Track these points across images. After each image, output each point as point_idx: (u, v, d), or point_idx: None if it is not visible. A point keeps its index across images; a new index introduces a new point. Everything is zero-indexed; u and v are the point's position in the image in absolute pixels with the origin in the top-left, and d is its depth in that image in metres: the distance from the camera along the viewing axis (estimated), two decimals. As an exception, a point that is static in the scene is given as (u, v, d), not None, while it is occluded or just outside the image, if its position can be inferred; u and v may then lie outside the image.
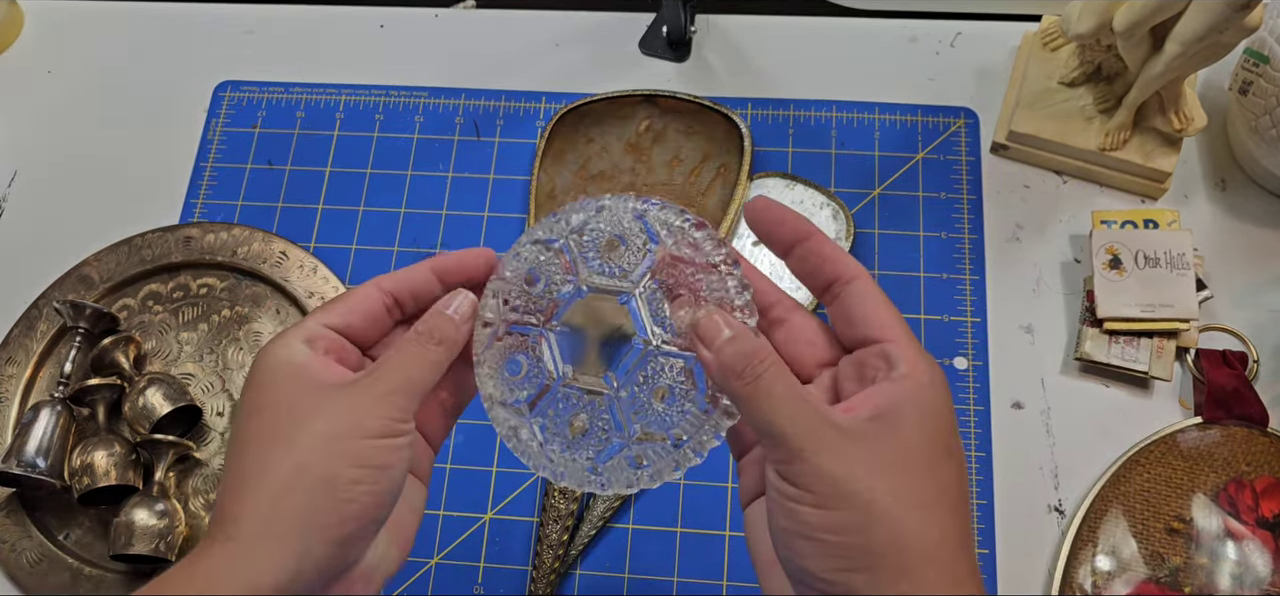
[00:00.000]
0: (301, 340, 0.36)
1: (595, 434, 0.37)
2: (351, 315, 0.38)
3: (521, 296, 0.39)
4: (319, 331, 0.37)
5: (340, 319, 0.38)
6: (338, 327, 0.38)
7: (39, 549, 0.59)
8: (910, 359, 0.34)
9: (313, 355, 0.36)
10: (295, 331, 0.37)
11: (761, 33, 0.74)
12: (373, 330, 0.39)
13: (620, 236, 0.38)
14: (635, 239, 0.37)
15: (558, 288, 0.38)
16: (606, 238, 0.38)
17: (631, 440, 0.37)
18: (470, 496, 0.60)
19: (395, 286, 0.39)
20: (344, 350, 0.38)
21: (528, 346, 0.38)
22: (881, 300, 0.36)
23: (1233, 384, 0.57)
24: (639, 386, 0.37)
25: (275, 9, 0.78)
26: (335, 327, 0.37)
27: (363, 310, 0.38)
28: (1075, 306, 0.62)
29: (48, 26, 0.79)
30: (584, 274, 0.38)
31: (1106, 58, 0.64)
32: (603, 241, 0.38)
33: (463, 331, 0.39)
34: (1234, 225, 0.64)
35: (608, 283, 0.38)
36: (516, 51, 0.74)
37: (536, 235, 0.40)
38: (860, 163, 0.68)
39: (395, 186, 0.69)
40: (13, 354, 0.65)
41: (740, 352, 0.34)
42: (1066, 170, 0.66)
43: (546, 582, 0.56)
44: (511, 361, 0.39)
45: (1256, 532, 0.54)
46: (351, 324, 0.38)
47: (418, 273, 0.39)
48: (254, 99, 0.74)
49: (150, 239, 0.67)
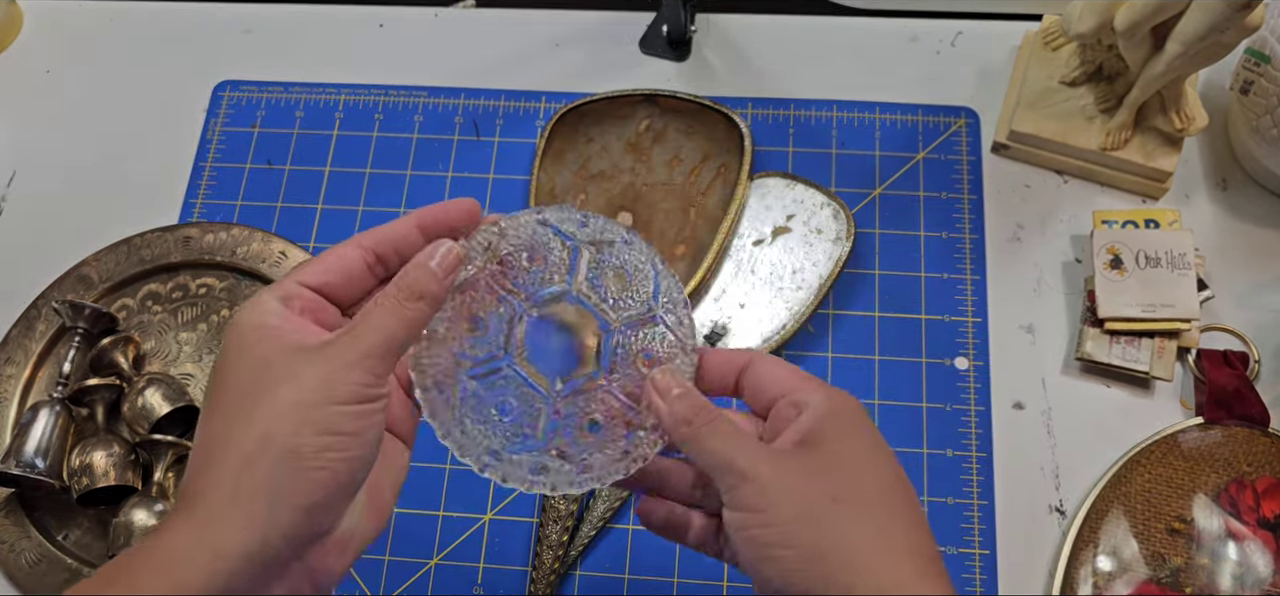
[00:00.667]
0: (276, 299, 0.35)
1: (514, 426, 0.38)
2: (330, 274, 0.37)
3: (514, 264, 0.38)
4: (295, 291, 0.36)
5: (317, 277, 0.36)
6: (315, 286, 0.36)
7: (38, 549, 0.59)
8: (814, 392, 0.38)
9: (287, 315, 0.35)
10: (271, 290, 0.36)
11: (762, 32, 0.73)
12: (353, 288, 0.37)
13: (630, 275, 0.39)
14: (642, 287, 0.39)
15: (550, 278, 0.39)
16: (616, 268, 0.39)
17: (545, 450, 0.38)
18: (470, 497, 0.60)
19: (376, 242, 0.38)
20: (322, 310, 0.36)
21: (498, 310, 0.38)
22: (779, 363, 0.40)
23: (1234, 384, 0.57)
24: (576, 407, 0.38)
25: (275, 8, 0.78)
26: (312, 286, 0.36)
27: (342, 268, 0.37)
28: (1076, 306, 0.62)
29: (47, 26, 0.78)
30: (580, 282, 0.39)
31: (1107, 57, 0.64)
32: (612, 267, 0.39)
33: (446, 285, 0.37)
34: (1235, 225, 0.64)
35: (597, 303, 0.39)
36: (516, 51, 0.74)
37: (549, 220, 0.39)
38: (861, 162, 0.68)
39: (395, 186, 0.69)
40: (11, 354, 0.64)
41: (692, 404, 0.38)
42: (1067, 170, 0.66)
43: (546, 583, 0.56)
44: (476, 317, 0.38)
45: (1258, 533, 0.54)
46: (330, 282, 0.36)
47: (400, 227, 0.38)
48: (253, 98, 0.73)
49: (149, 239, 0.67)
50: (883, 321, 0.63)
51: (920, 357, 0.61)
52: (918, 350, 0.62)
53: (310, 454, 0.33)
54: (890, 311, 0.63)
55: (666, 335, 0.40)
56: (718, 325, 0.62)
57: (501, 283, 0.38)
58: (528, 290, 0.39)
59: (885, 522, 0.35)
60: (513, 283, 0.38)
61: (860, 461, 0.37)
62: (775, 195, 0.66)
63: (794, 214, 0.65)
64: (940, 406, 0.60)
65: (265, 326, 0.34)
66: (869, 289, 0.64)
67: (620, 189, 0.67)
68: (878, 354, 0.62)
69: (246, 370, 0.34)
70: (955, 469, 0.59)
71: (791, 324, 0.61)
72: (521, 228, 0.39)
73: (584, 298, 0.39)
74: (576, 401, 0.39)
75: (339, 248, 0.37)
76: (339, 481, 0.33)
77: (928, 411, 0.60)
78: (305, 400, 0.33)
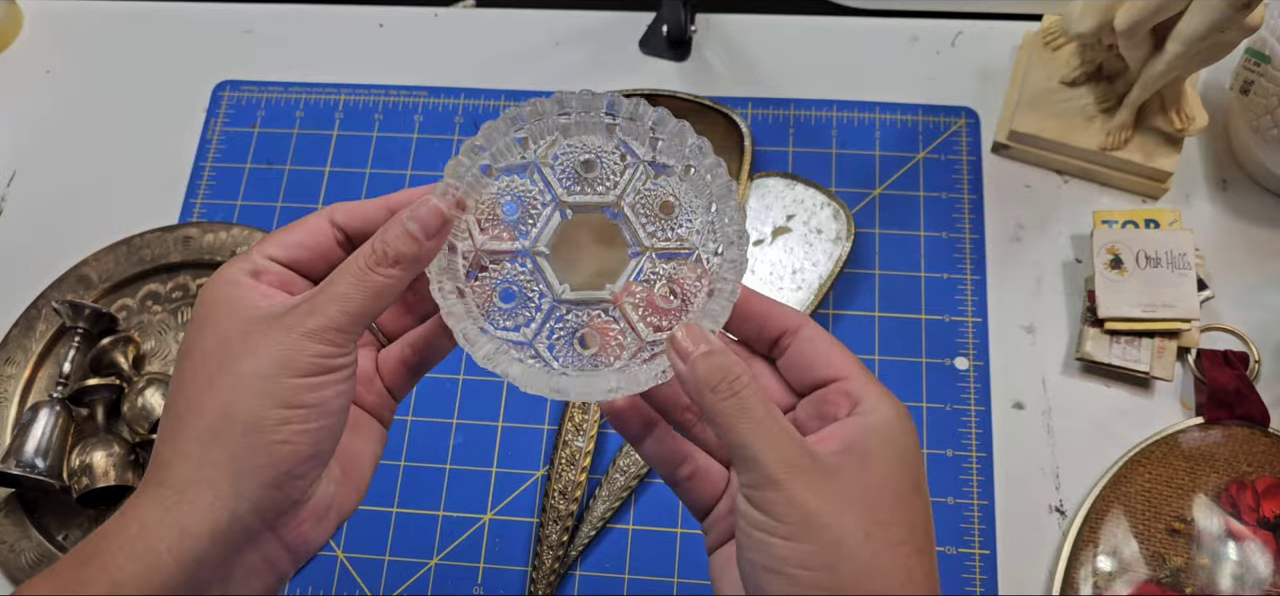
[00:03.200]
0: (244, 271, 0.35)
1: (510, 312, 0.36)
2: (299, 248, 0.36)
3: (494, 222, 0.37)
4: (264, 264, 0.35)
5: (287, 251, 0.35)
6: (284, 261, 0.35)
7: (38, 549, 0.59)
8: (875, 395, 0.34)
9: (254, 285, 0.34)
10: (239, 261, 0.35)
11: (762, 32, 0.73)
12: (323, 263, 0.36)
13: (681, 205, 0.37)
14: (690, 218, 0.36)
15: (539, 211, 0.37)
16: (667, 195, 0.36)
17: (528, 347, 0.36)
18: (470, 497, 0.60)
19: (348, 219, 0.36)
20: (291, 284, 0.35)
21: (516, 273, 0.36)
22: (834, 343, 0.36)
23: (1234, 384, 0.57)
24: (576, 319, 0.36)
25: (274, 8, 0.78)
26: (281, 261, 0.35)
27: (312, 242, 0.36)
28: (1076, 306, 0.62)
29: (47, 26, 0.78)
30: (561, 194, 0.37)
31: (1108, 57, 0.64)
32: (665, 193, 0.36)
33: (428, 248, 0.35)
34: (1235, 225, 0.64)
35: (634, 224, 0.36)
36: (516, 51, 0.74)
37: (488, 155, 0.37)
38: (861, 162, 0.68)
39: (395, 186, 0.69)
40: (11, 354, 0.64)
41: (717, 366, 0.33)
42: (1068, 170, 0.66)
43: (546, 583, 0.56)
44: (504, 292, 0.36)
45: (1258, 533, 0.54)
46: (299, 258, 0.36)
47: (373, 207, 0.37)
48: (253, 98, 0.73)
49: (149, 239, 0.67)
50: (883, 321, 0.63)
51: (920, 357, 0.61)
52: (918, 350, 0.62)
53: (271, 427, 0.32)
54: (890, 311, 0.63)
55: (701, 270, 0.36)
56: (718, 325, 0.62)
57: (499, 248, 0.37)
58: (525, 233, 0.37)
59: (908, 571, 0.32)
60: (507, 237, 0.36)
61: (905, 492, 0.33)
62: (775, 195, 0.66)
63: (794, 214, 0.65)
64: (940, 406, 0.60)
65: (230, 298, 0.34)
66: (869, 289, 0.64)
67: (620, 189, 0.67)
68: (878, 354, 0.62)
69: (211, 341, 0.33)
70: (955, 469, 0.59)
71: (791, 324, 0.61)
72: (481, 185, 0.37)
73: (624, 213, 0.36)
74: (579, 312, 0.36)
75: (310, 220, 0.36)
76: (303, 453, 0.33)
77: (928, 411, 0.60)
78: (264, 371, 0.32)
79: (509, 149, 0.37)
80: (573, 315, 0.36)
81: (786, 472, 0.31)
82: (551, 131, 0.37)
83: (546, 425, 0.61)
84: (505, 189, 0.37)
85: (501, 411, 0.62)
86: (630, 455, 0.59)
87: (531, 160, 0.37)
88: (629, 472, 0.58)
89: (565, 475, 0.58)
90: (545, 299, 0.36)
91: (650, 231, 0.36)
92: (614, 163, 0.37)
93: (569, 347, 0.36)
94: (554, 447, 0.59)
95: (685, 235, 0.36)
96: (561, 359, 0.36)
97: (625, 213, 0.37)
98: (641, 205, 0.37)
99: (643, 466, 0.58)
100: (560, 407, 0.61)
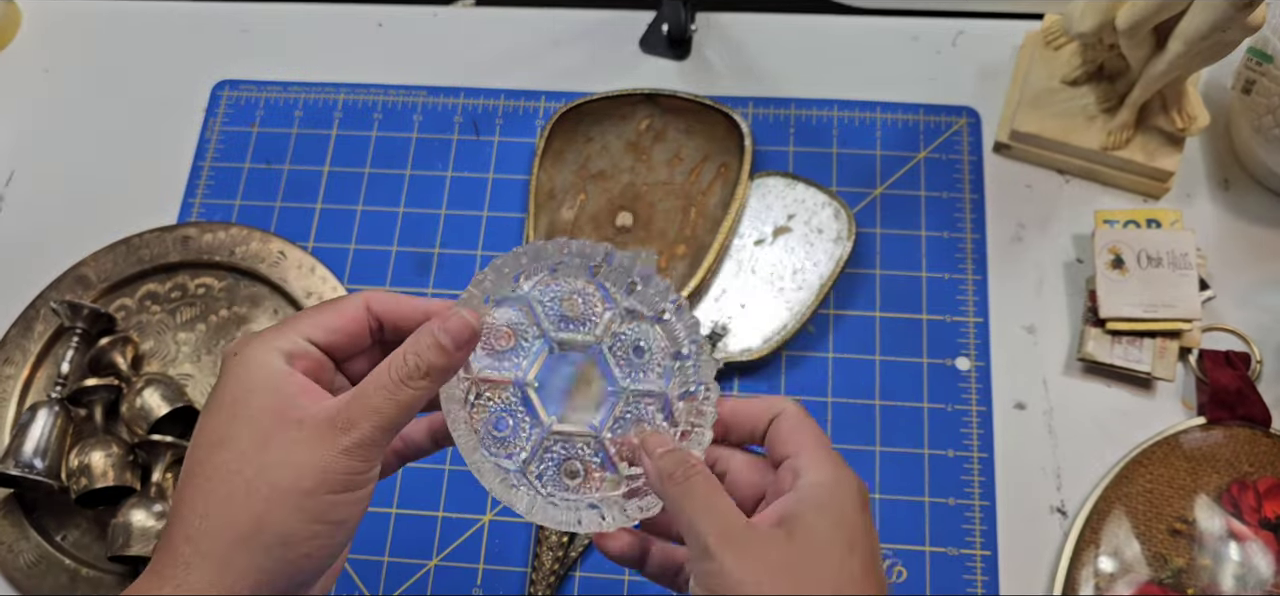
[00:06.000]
0: (282, 354, 0.35)
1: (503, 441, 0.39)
2: (334, 333, 0.36)
3: (491, 353, 0.39)
4: (301, 347, 0.35)
5: (325, 335, 0.36)
6: (321, 345, 0.36)
7: (36, 550, 0.59)
8: (814, 465, 0.36)
9: (289, 375, 0.35)
10: (276, 339, 0.35)
11: (762, 31, 0.73)
12: (353, 347, 0.37)
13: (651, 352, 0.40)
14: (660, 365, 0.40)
15: (531, 344, 0.40)
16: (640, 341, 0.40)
17: (520, 473, 0.39)
18: (469, 498, 0.60)
19: (384, 310, 0.38)
20: (322, 369, 0.36)
21: (509, 401, 0.39)
22: (801, 421, 0.38)
23: (1235, 384, 0.57)
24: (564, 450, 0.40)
25: (273, 8, 0.77)
26: (319, 344, 0.36)
27: (346, 328, 0.37)
28: (1078, 306, 0.62)
29: (45, 25, 0.78)
30: (549, 329, 0.40)
31: (1109, 56, 0.63)
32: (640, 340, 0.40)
33: (456, 360, 0.36)
34: (1237, 225, 0.64)
35: (576, 337, 0.40)
36: (516, 50, 0.74)
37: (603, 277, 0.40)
38: (861, 162, 0.67)
39: (394, 186, 0.69)
40: (10, 354, 0.64)
41: (675, 460, 0.37)
42: (1069, 169, 0.66)
43: (546, 584, 0.56)
44: (498, 421, 0.39)
45: (1259, 533, 0.54)
46: (333, 343, 0.36)
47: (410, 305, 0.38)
48: (252, 98, 0.73)
49: (148, 238, 0.67)
50: (883, 321, 0.62)
51: (921, 358, 0.61)
52: (919, 350, 0.62)
53: (301, 541, 0.33)
54: (891, 311, 0.63)
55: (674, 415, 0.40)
56: (718, 325, 0.62)
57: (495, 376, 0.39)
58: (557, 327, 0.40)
59: None
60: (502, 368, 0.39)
61: (835, 557, 0.34)
62: (776, 195, 0.66)
63: (794, 213, 0.65)
64: (941, 407, 0.60)
65: (267, 384, 0.34)
66: (870, 289, 0.63)
67: (620, 188, 0.67)
68: (878, 354, 0.62)
69: (245, 432, 0.34)
70: (956, 469, 0.58)
71: (792, 324, 0.61)
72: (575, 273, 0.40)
73: (603, 353, 0.40)
74: (567, 445, 0.40)
75: (345, 303, 0.37)
76: (322, 563, 0.34)
77: (929, 412, 0.60)
78: (304, 487, 0.33)
79: (503, 283, 0.40)
80: (559, 447, 0.40)
81: (719, 544, 0.34)
82: (541, 270, 0.40)
83: (546, 425, 0.61)
84: (502, 320, 0.40)
85: (501, 412, 0.62)
86: (630, 456, 0.59)
87: (525, 296, 0.40)
88: (629, 473, 0.58)
89: (565, 476, 0.58)
90: (535, 430, 0.39)
91: (625, 372, 0.40)
92: (595, 306, 0.40)
93: (557, 479, 0.39)
94: (554, 448, 0.59)
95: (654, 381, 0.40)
96: (547, 489, 0.39)
97: (604, 353, 0.40)
98: (618, 347, 0.40)
99: (643, 467, 0.58)
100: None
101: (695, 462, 0.37)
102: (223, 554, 0.33)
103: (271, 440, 0.33)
